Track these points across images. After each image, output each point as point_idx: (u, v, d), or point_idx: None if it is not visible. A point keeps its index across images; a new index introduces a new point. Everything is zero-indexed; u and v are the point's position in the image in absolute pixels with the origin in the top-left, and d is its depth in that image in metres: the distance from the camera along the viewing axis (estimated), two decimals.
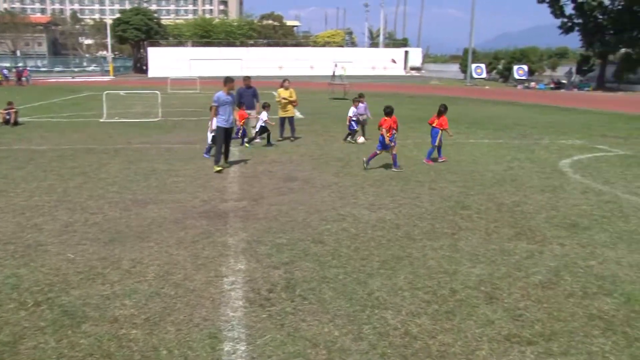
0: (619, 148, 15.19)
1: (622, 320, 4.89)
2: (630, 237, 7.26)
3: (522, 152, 14.13)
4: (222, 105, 11.30)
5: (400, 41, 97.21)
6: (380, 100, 32.30)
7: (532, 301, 5.25)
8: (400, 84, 54.39)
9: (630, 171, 11.81)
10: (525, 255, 6.51)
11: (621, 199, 9.31)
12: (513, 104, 31.31)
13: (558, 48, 68.03)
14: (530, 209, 8.56)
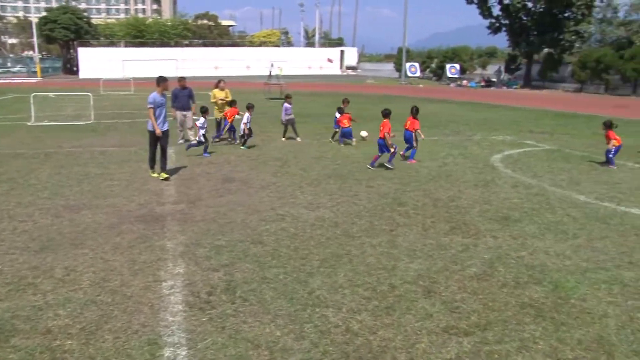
0: (545, 143, 15.88)
1: (550, 307, 5.12)
2: (557, 227, 7.60)
3: (455, 149, 14.53)
4: (158, 107, 10.52)
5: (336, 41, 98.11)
6: (317, 100, 32.53)
7: (468, 293, 5.41)
8: (337, 83, 54.83)
9: (555, 165, 12.37)
10: (461, 248, 6.70)
11: (548, 192, 9.73)
12: (446, 102, 32.19)
13: (487, 47, 70.57)
14: (464, 204, 8.82)
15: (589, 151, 14.30)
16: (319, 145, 15.02)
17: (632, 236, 7.26)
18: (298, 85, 42.06)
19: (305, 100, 28.55)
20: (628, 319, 4.88)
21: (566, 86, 51.09)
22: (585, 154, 13.87)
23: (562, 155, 13.71)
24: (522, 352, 4.34)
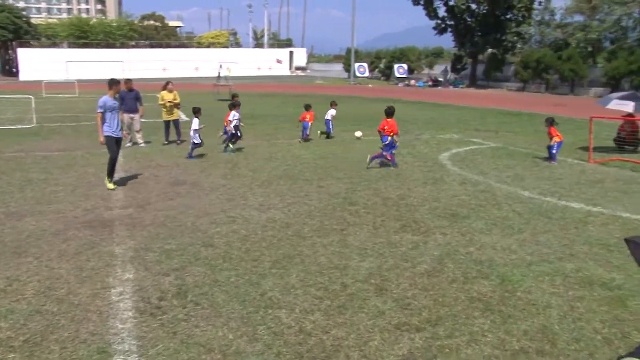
0: (490, 141, 16.32)
1: (498, 300, 5.26)
2: (503, 223, 7.82)
3: (404, 147, 14.73)
4: (109, 111, 9.85)
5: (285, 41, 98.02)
6: (267, 101, 32.42)
7: (419, 290, 5.49)
8: (286, 84, 54.77)
9: (501, 162, 12.73)
10: (411, 246, 6.80)
11: (494, 188, 10.00)
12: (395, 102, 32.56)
13: (434, 48, 71.96)
14: (414, 202, 8.96)
15: (532, 148, 14.78)
16: (268, 146, 14.96)
17: (573, 229, 7.55)
18: (247, 86, 41.81)
19: (255, 101, 28.40)
20: (569, 309, 5.07)
21: (509, 85, 52.71)
22: (528, 151, 14.33)
23: (507, 153, 14.12)
24: (472, 345, 4.44)
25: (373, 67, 68.35)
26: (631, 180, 10.94)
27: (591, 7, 48.24)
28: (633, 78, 39.64)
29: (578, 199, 9.31)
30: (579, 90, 45.27)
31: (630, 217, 8.21)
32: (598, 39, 47.12)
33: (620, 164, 12.86)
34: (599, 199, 9.33)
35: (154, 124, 17.63)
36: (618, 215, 8.29)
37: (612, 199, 9.31)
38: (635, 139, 15.04)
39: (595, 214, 8.35)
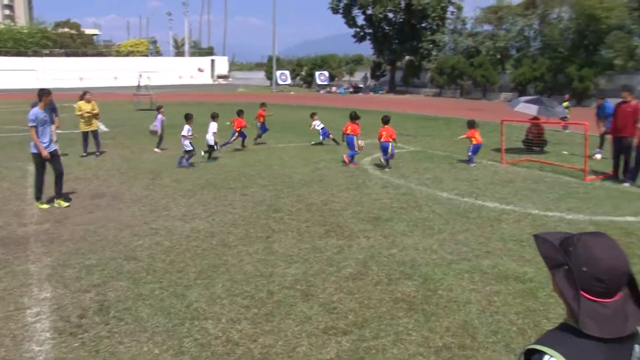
0: (410, 145, 16.78)
1: (421, 299, 5.39)
2: (424, 224, 8.05)
3: (328, 153, 14.90)
4: (41, 125, 9.01)
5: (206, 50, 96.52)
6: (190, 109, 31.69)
7: (344, 293, 5.54)
8: (208, 93, 53.93)
9: (420, 165, 13.10)
10: (336, 250, 6.86)
11: (415, 191, 10.28)
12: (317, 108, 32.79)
13: (354, 55, 73.15)
14: (337, 207, 9.05)
15: (450, 151, 15.33)
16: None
17: (488, 227, 7.88)
18: (169, 96, 40.85)
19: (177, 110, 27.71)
20: (487, 303, 5.28)
21: (427, 91, 54.50)
22: (446, 154, 14.84)
23: (426, 156, 14.56)
24: (397, 344, 4.52)
25: (295, 75, 68.62)
26: (539, 179, 11.56)
27: (497, 17, 50.85)
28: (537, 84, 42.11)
29: (493, 198, 9.73)
30: (491, 95, 47.51)
31: (539, 213, 8.68)
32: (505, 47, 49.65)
33: (529, 164, 13.57)
34: (511, 197, 9.80)
35: (70, 135, 16.85)
36: (528, 212, 8.74)
37: (522, 197, 9.80)
38: (541, 140, 15.94)
39: (508, 212, 8.76)
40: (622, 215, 8.65)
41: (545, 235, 1.86)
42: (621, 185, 11.05)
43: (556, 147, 16.30)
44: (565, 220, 8.32)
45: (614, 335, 1.66)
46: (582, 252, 1.72)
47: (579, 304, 1.68)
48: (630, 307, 1.72)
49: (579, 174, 11.94)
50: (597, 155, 14.80)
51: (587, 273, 1.69)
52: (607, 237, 1.76)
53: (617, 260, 1.70)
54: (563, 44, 42.74)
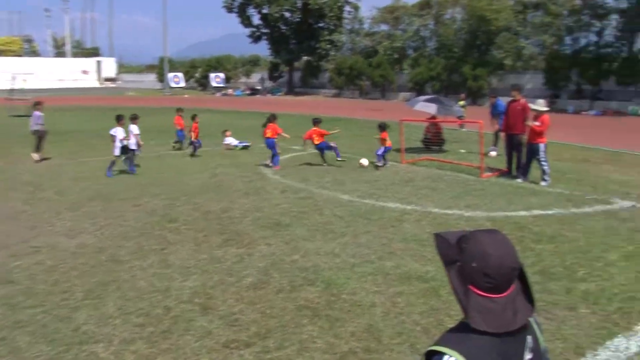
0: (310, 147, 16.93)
1: (324, 305, 5.46)
2: (325, 228, 8.17)
3: (226, 158, 14.75)
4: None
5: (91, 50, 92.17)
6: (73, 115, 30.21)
7: (245, 304, 5.49)
8: (94, 96, 51.65)
9: (320, 167, 13.29)
10: (236, 259, 6.79)
11: (315, 194, 10.41)
12: (213, 112, 32.42)
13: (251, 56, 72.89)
14: (236, 214, 8.97)
15: (351, 152, 15.64)
16: (76, 165, 13.93)
17: (390, 228, 8.14)
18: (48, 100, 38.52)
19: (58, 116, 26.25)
20: (391, 305, 5.45)
21: (326, 92, 55.50)
22: (347, 155, 15.12)
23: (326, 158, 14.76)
24: (302, 353, 4.55)
25: (188, 77, 67.29)
26: (438, 178, 12.12)
27: (394, 17, 52.88)
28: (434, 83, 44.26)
29: (394, 198, 10.06)
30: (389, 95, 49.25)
31: (439, 212, 9.09)
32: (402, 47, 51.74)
33: (428, 163, 14.19)
34: (411, 197, 10.19)
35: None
36: (429, 211, 9.13)
37: (422, 197, 10.22)
38: (440, 139, 16.74)
39: (409, 211, 9.10)
40: (516, 210, 9.27)
41: (443, 234, 1.95)
42: (514, 181, 11.83)
43: (454, 146, 17.17)
44: (464, 218, 8.78)
45: (502, 329, 1.77)
46: (473, 248, 1.82)
47: (468, 299, 1.78)
48: (520, 302, 1.83)
49: (475, 171, 12.65)
50: (492, 152, 15.76)
51: (477, 268, 1.78)
52: (498, 234, 1.87)
53: (507, 256, 1.81)
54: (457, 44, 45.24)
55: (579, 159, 15.05)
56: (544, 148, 11.48)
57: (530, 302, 1.87)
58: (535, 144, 11.48)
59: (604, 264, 6.62)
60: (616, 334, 4.87)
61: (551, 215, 8.91)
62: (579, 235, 7.78)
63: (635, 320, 5.15)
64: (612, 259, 6.82)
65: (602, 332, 4.89)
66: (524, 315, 1.82)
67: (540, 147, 11.43)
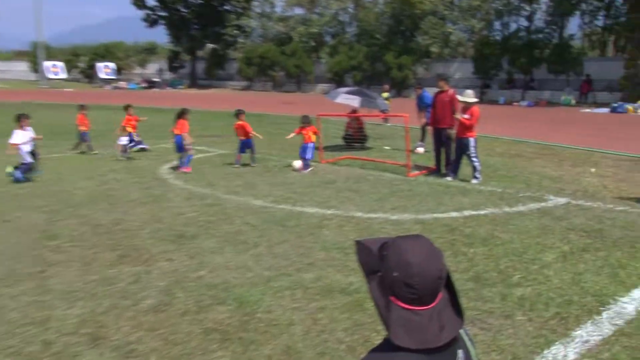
0: (217, 147, 16.81)
1: (236, 327, 5.38)
2: (236, 238, 8.07)
3: (118, 163, 14.30)
4: None
5: None
6: None
7: (144, 330, 5.32)
8: None
9: (229, 170, 13.16)
10: (132, 279, 6.57)
11: (224, 200, 10.28)
12: (102, 108, 31.41)
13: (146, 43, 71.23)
14: (132, 226, 8.70)
15: (263, 152, 15.59)
16: None
17: (309, 236, 8.15)
18: None
19: None
20: (312, 322, 5.44)
21: (234, 84, 55.19)
22: (258, 155, 15.06)
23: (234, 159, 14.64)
24: None
25: (71, 67, 64.86)
26: (361, 178, 12.30)
27: (309, 0, 53.27)
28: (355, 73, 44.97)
29: (312, 202, 10.10)
30: (306, 87, 49.60)
31: (363, 216, 9.22)
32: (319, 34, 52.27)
33: (350, 162, 14.38)
34: (332, 200, 10.27)
35: None
36: (351, 215, 9.24)
37: (344, 199, 10.33)
38: (362, 135, 17.00)
39: (329, 216, 9.16)
40: (446, 211, 9.55)
41: (365, 241, 1.95)
42: (444, 179, 12.20)
43: (378, 142, 17.51)
44: (390, 221, 8.94)
45: (427, 345, 1.77)
46: (394, 256, 1.82)
47: (390, 312, 1.77)
48: (448, 314, 1.84)
49: (402, 170, 12.93)
50: (419, 148, 16.20)
51: (398, 278, 1.78)
52: (422, 240, 1.88)
53: (431, 264, 1.81)
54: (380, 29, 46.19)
55: (511, 154, 15.73)
56: (474, 143, 11.90)
57: (458, 314, 1.88)
58: (464, 138, 11.88)
59: (540, 267, 6.93)
60: (554, 342, 5.09)
61: (483, 216, 9.25)
62: (513, 236, 8.11)
63: (572, 325, 5.41)
64: (548, 260, 7.15)
65: (539, 341, 5.10)
66: (451, 330, 1.83)
67: (470, 141, 11.84)
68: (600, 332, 5.25)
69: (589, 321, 5.48)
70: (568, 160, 14.68)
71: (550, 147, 17.13)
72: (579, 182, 11.98)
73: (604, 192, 11.00)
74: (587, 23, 42.69)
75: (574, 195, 10.67)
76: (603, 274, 6.68)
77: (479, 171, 11.90)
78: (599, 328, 5.34)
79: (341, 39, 49.58)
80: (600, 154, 15.87)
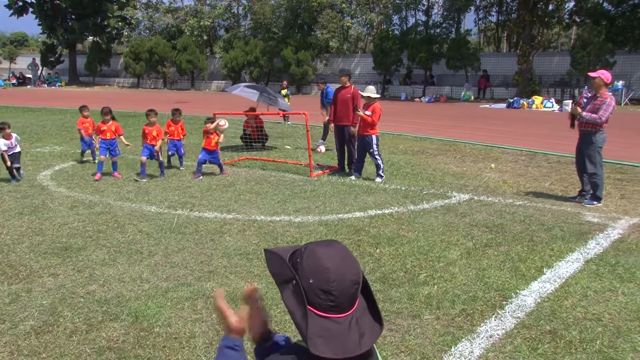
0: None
1: (133, 343, 5.26)
2: (129, 247, 7.89)
3: None
4: None
5: None
6: None
7: (25, 355, 5.10)
8: None
9: (120, 173, 12.79)
10: (9, 299, 6.27)
11: (115, 208, 10.01)
12: None
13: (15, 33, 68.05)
14: (7, 240, 8.31)
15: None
16: None
17: (209, 242, 8.10)
18: None
19: None
20: (215, 334, 5.41)
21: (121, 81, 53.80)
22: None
23: (125, 163, 14.28)
24: None
25: None
26: (262, 180, 12.32)
27: None
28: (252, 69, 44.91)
29: (211, 207, 10.03)
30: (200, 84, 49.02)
31: (265, 219, 9.25)
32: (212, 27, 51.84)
33: (250, 163, 14.37)
34: (232, 204, 10.24)
35: None
36: (253, 219, 9.25)
37: (245, 202, 10.32)
38: (262, 134, 17.00)
39: (230, 221, 9.13)
40: (350, 211, 9.75)
41: (275, 250, 1.97)
42: (347, 178, 12.43)
43: (278, 142, 17.59)
44: (294, 224, 9.02)
45: (348, 354, 1.81)
46: (308, 263, 1.84)
47: (307, 322, 1.80)
48: (366, 321, 1.89)
49: (304, 170, 13.07)
50: (321, 147, 16.41)
51: (314, 285, 1.81)
52: (337, 245, 1.92)
53: (347, 268, 1.85)
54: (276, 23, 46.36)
55: (414, 151, 16.25)
56: (377, 140, 12.21)
57: (377, 320, 1.93)
58: (367, 135, 12.15)
59: (445, 264, 7.23)
60: (460, 339, 5.33)
61: (389, 215, 9.52)
62: (419, 235, 8.40)
63: (477, 321, 5.70)
64: (453, 257, 7.48)
65: (446, 339, 5.33)
66: (371, 336, 1.87)
67: (373, 139, 12.13)
68: (504, 326, 5.58)
69: (493, 316, 5.81)
70: (470, 156, 15.35)
71: (452, 144, 17.82)
72: (480, 177, 12.58)
73: (504, 187, 11.62)
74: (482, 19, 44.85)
75: (476, 191, 11.19)
76: (505, 269, 7.09)
77: (382, 169, 12.23)
78: (502, 322, 5.68)
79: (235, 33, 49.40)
80: (500, 149, 16.71)
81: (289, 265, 1.88)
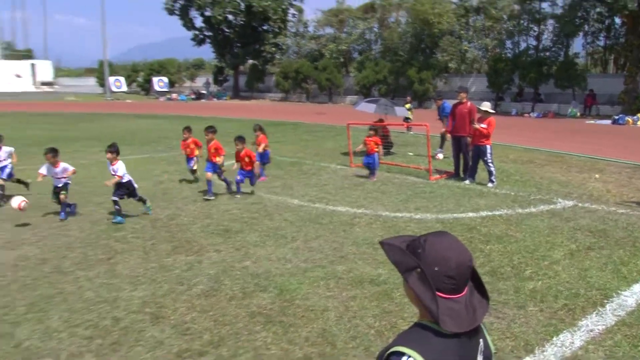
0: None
1: (277, 311, 5.49)
2: (276, 233, 8.20)
3: (170, 165, 14.53)
4: None
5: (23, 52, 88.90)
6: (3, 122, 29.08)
7: (197, 312, 5.46)
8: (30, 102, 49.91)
9: (268, 172, 13.23)
10: (185, 267, 6.73)
11: (265, 199, 10.42)
12: (156, 117, 31.89)
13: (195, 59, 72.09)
14: (185, 221, 8.88)
15: (298, 157, 15.74)
16: None
17: (341, 232, 8.24)
18: None
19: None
20: (345, 309, 5.53)
21: (272, 96, 55.47)
22: (294, 160, 15.22)
23: (274, 163, 14.76)
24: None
25: (130, 81, 65.86)
26: (387, 181, 12.34)
27: (339, 20, 53.36)
28: (380, 86, 44.88)
29: (344, 202, 10.18)
30: (337, 98, 49.65)
31: (389, 215, 9.27)
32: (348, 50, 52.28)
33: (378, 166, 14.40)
34: (362, 200, 10.34)
35: None
36: (379, 214, 9.29)
37: (372, 200, 10.39)
38: (388, 142, 16.99)
39: (360, 215, 9.23)
40: (464, 211, 9.55)
41: (390, 241, 2.02)
42: (462, 183, 12.17)
43: (402, 149, 17.49)
44: (414, 220, 8.97)
45: (468, 328, 1.86)
46: (431, 252, 1.89)
47: (437, 304, 1.85)
48: (476, 298, 1.93)
49: (424, 174, 12.94)
50: (439, 154, 16.16)
51: (439, 272, 1.86)
52: (450, 236, 1.96)
53: (464, 255, 1.90)
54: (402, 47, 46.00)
55: (523, 161, 15.59)
56: (490, 150, 11.87)
57: (484, 297, 1.96)
58: (481, 145, 11.84)
59: (550, 263, 6.92)
60: (562, 330, 5.10)
61: (498, 216, 9.23)
62: (525, 235, 8.09)
63: (579, 315, 5.41)
64: (557, 257, 7.13)
65: (549, 329, 5.12)
66: (482, 311, 1.91)
67: (487, 148, 11.81)
68: (604, 322, 5.25)
69: (594, 312, 5.49)
70: (575, 167, 14.51)
71: (559, 155, 16.93)
72: (584, 186, 11.85)
73: (608, 196, 10.88)
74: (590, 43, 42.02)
75: (580, 199, 10.58)
76: (607, 270, 6.66)
77: (494, 176, 11.87)
78: (603, 319, 5.34)
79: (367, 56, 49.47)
80: (604, 162, 15.63)
81: (411, 256, 1.92)
